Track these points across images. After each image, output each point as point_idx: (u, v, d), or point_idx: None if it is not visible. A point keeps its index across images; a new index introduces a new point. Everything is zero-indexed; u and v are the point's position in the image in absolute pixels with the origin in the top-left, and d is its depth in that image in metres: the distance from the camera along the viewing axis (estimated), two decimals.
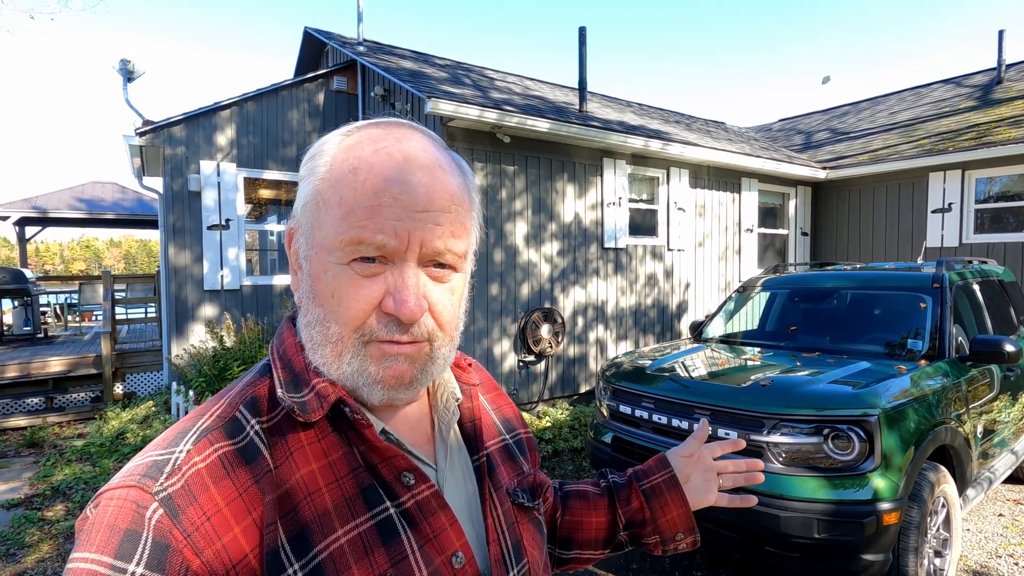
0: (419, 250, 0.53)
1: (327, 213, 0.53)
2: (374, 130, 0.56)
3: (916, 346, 3.23)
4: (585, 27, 6.65)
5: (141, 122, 6.28)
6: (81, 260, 70.52)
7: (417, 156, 0.54)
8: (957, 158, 6.97)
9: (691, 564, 3.18)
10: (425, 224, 0.53)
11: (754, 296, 4.46)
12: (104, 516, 0.47)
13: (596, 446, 3.43)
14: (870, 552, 2.40)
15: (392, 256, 0.53)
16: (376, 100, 6.73)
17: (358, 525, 0.53)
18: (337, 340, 0.54)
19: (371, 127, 0.57)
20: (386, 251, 0.52)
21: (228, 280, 6.69)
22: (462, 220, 0.56)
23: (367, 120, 0.59)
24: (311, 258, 0.55)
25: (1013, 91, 8.62)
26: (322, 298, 0.54)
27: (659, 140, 6.44)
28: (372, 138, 0.55)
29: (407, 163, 0.53)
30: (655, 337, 7.01)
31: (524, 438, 0.77)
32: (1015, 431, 3.56)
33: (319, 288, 0.54)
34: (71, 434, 5.96)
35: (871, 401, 2.52)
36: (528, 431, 0.79)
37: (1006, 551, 3.28)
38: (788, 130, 12.18)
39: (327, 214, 0.53)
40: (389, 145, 0.54)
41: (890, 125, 9.48)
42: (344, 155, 0.54)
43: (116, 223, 13.64)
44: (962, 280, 3.62)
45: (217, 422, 0.53)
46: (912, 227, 7.60)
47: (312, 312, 0.55)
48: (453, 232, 0.55)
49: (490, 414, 0.74)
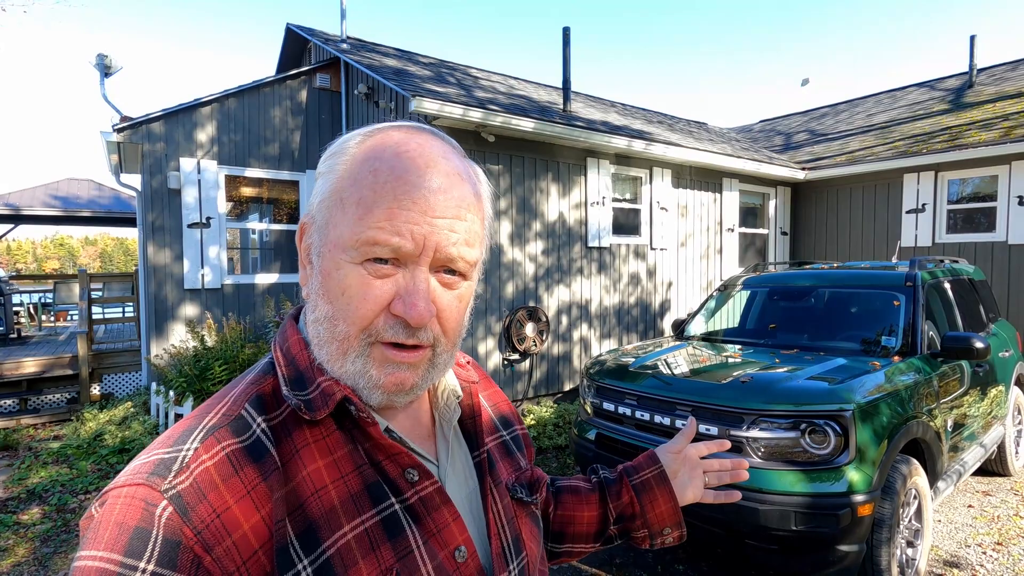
0: (432, 255, 0.54)
1: (344, 211, 0.54)
2: (396, 133, 0.56)
3: (890, 343, 3.32)
4: (569, 27, 6.68)
5: (119, 118, 6.17)
6: (55, 258, 68.75)
7: (438, 163, 0.55)
8: (930, 160, 7.15)
9: (673, 558, 3.24)
10: (441, 230, 0.53)
11: (735, 295, 4.53)
12: (112, 514, 0.47)
13: (580, 443, 3.46)
14: (845, 543, 2.47)
15: (406, 259, 0.53)
16: (359, 98, 6.70)
17: (364, 521, 0.54)
18: (344, 338, 0.54)
19: (393, 130, 0.57)
20: (400, 254, 0.53)
21: (209, 279, 6.60)
22: (476, 229, 0.57)
23: (389, 123, 0.59)
24: (324, 254, 0.55)
25: (984, 95, 8.86)
26: (332, 295, 0.55)
27: (642, 140, 6.51)
28: (395, 141, 0.55)
29: (428, 169, 0.54)
30: (638, 335, 7.08)
31: (521, 434, 0.79)
32: (984, 425, 3.68)
33: (330, 285, 0.55)
34: (46, 436, 5.84)
35: (846, 396, 2.59)
36: (524, 427, 0.81)
37: (975, 541, 3.39)
38: (768, 131, 12.36)
39: (344, 212, 0.54)
40: (411, 150, 0.54)
41: (867, 127, 9.69)
42: (365, 155, 0.55)
43: (92, 221, 13.32)
44: (934, 279, 3.73)
45: (223, 420, 0.53)
46: (887, 227, 7.78)
47: (320, 308, 0.56)
48: (467, 240, 0.56)
49: (488, 411, 0.75)
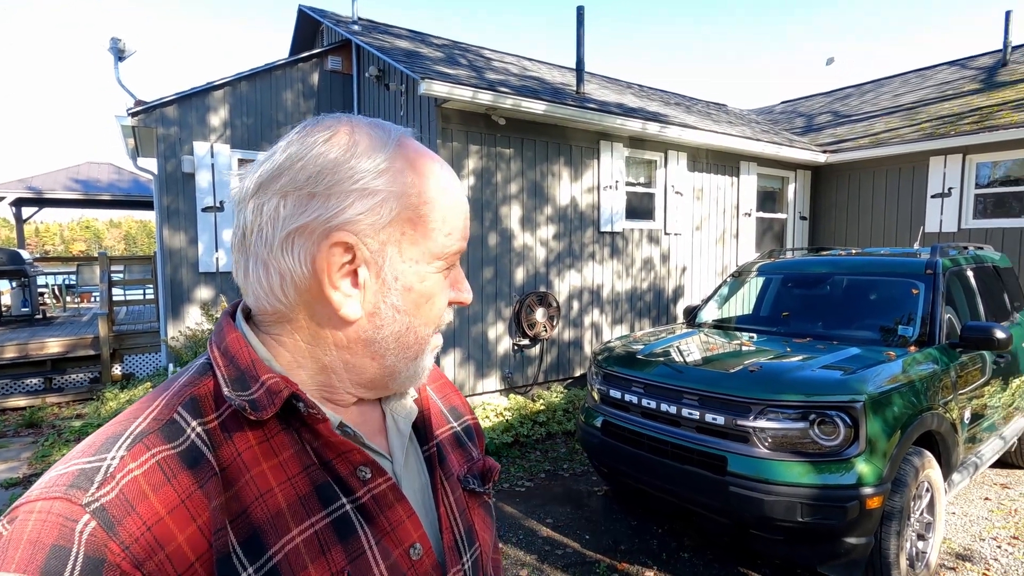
0: None
1: (427, 227, 0.56)
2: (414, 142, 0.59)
3: (907, 332, 3.24)
4: (583, 6, 6.53)
5: (133, 102, 6.22)
6: (81, 241, 70.32)
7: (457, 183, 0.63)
8: (958, 142, 6.90)
9: (679, 546, 3.23)
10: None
11: (749, 281, 4.45)
12: (23, 532, 0.42)
13: (586, 430, 3.45)
14: (852, 535, 2.43)
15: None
16: (371, 81, 6.65)
17: (313, 524, 0.52)
18: (423, 339, 0.59)
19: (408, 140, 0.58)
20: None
21: (224, 262, 6.68)
22: None
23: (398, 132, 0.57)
24: (402, 272, 0.56)
25: (1018, 74, 8.48)
26: (414, 306, 0.57)
27: (657, 123, 6.37)
28: (432, 159, 0.59)
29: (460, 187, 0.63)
30: (651, 321, 7.01)
31: (471, 424, 0.78)
32: (1004, 416, 3.58)
33: (412, 298, 0.57)
34: (70, 415, 6.01)
35: (858, 387, 2.53)
36: (475, 417, 0.80)
37: (990, 534, 3.32)
38: (790, 112, 12.04)
39: (427, 227, 0.56)
40: (446, 169, 0.61)
41: (892, 108, 9.36)
42: (425, 173, 0.57)
43: (112, 204, 13.60)
44: (956, 266, 3.61)
45: (153, 425, 0.50)
46: (911, 212, 7.56)
47: (397, 323, 0.57)
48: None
49: (437, 403, 0.75)
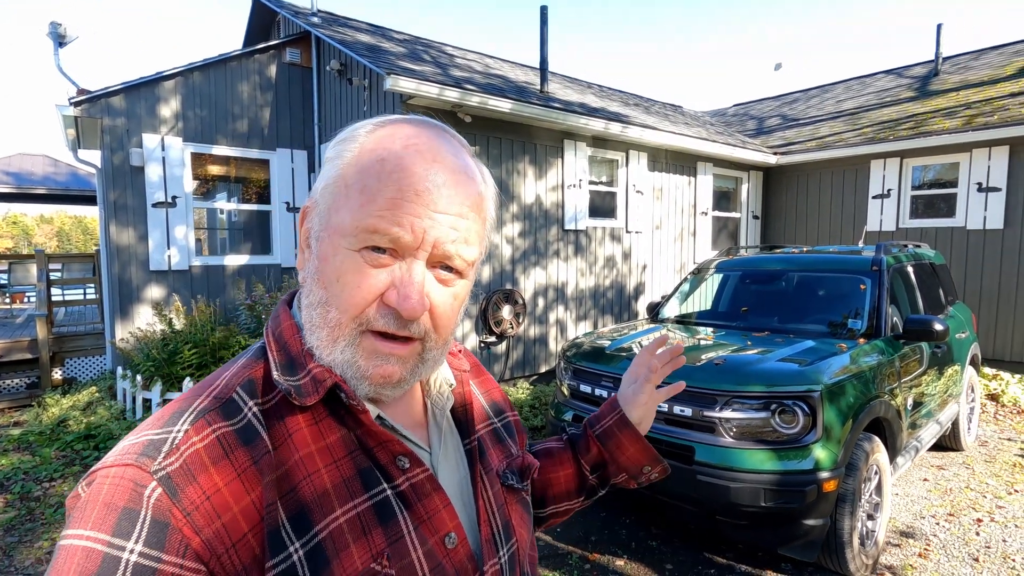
0: (431, 250, 0.54)
1: (348, 197, 0.54)
2: (408, 127, 0.57)
3: (856, 325, 3.44)
4: (546, 6, 6.59)
5: (76, 91, 5.87)
6: (8, 237, 65.65)
7: (446, 159, 0.55)
8: (896, 147, 7.35)
9: (647, 535, 3.33)
10: (442, 226, 0.54)
11: (708, 278, 4.61)
12: (100, 494, 0.46)
13: (557, 424, 3.51)
14: (811, 517, 2.57)
15: (404, 251, 0.54)
16: (332, 74, 6.51)
17: (356, 505, 0.54)
18: (335, 325, 0.54)
19: (404, 123, 0.57)
20: (399, 245, 0.53)
21: (176, 260, 6.40)
22: (477, 228, 0.58)
23: (400, 115, 0.59)
24: (323, 239, 0.55)
25: (948, 83, 9.10)
26: (327, 281, 0.55)
27: (619, 123, 6.51)
28: (405, 134, 0.56)
29: (435, 163, 0.54)
30: (613, 318, 7.16)
31: (512, 421, 0.80)
32: (940, 403, 3.86)
33: (326, 270, 0.55)
34: (6, 422, 5.64)
35: (815, 378, 2.67)
36: (516, 414, 0.82)
37: (929, 512, 3.57)
38: (742, 115, 12.50)
39: (347, 198, 0.54)
40: (420, 143, 0.55)
41: (837, 113, 9.87)
42: (374, 144, 0.55)
43: (47, 198, 12.74)
44: (898, 263, 3.86)
45: (214, 403, 0.53)
46: (855, 212, 7.99)
47: (315, 293, 0.56)
48: (467, 239, 0.56)
49: (479, 399, 0.76)
